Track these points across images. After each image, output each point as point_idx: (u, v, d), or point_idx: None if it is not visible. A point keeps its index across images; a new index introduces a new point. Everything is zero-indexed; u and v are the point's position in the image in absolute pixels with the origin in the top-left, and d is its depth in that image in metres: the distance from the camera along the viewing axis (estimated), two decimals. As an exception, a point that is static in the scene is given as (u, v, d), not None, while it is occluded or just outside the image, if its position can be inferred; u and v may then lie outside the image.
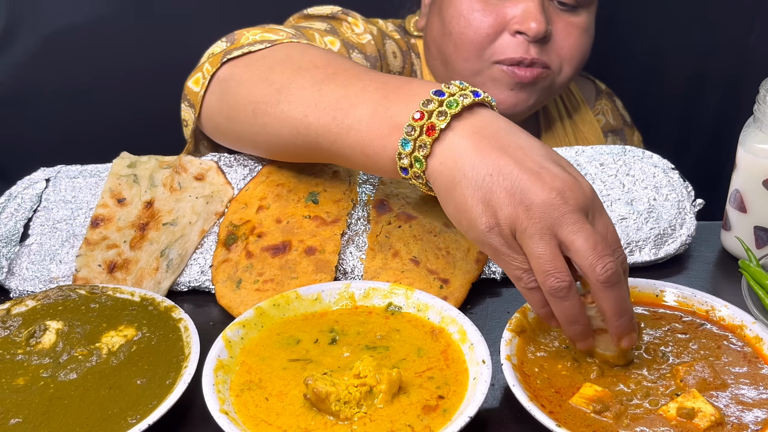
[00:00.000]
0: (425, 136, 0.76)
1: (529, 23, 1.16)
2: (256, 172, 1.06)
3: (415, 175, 0.79)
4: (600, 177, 1.05)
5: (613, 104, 1.51)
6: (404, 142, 0.78)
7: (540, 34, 1.16)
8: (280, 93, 0.92)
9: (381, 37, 1.26)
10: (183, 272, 0.96)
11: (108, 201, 1.01)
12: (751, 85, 0.97)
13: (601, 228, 0.72)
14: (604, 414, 0.71)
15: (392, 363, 0.78)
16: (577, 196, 0.70)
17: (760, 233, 0.96)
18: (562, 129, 1.40)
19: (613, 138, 1.47)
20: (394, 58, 1.26)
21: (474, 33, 1.18)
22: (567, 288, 0.71)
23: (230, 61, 1.01)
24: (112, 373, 0.78)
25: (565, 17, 1.21)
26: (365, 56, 1.20)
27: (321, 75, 0.90)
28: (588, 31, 1.24)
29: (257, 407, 0.73)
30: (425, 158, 0.77)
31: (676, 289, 0.86)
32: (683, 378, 0.75)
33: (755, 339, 0.80)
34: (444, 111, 0.76)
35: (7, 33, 1.44)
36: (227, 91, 0.99)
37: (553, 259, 0.70)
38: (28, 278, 0.95)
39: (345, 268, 0.95)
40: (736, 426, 0.71)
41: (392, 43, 1.28)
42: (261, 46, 1.00)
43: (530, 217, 0.70)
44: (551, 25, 1.19)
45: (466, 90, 0.78)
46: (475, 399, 0.71)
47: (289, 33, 1.06)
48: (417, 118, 0.77)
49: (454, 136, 0.75)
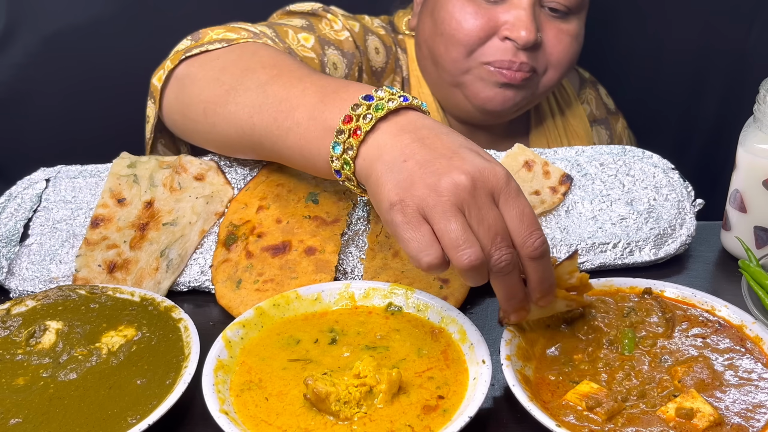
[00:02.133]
0: (352, 139, 0.79)
1: (519, 31, 1.17)
2: (256, 172, 1.06)
3: (347, 177, 0.81)
4: (600, 177, 1.05)
5: (596, 93, 1.52)
6: (335, 145, 0.80)
7: (529, 43, 1.18)
8: (229, 94, 0.96)
9: (363, 33, 1.27)
10: (183, 272, 0.96)
11: (108, 201, 1.01)
12: (751, 85, 0.97)
13: (513, 213, 0.73)
14: (595, 411, 0.71)
15: (392, 363, 0.78)
16: (487, 179, 0.72)
17: (760, 233, 0.96)
18: (552, 123, 1.41)
19: (597, 126, 1.48)
20: (376, 53, 1.29)
21: (464, 35, 1.20)
22: (478, 264, 0.71)
23: (188, 59, 1.05)
24: (112, 373, 0.78)
25: (556, 24, 1.22)
26: (342, 53, 1.22)
27: (266, 76, 0.94)
28: (578, 37, 1.26)
29: (257, 407, 0.73)
30: (353, 160, 0.79)
31: (676, 289, 0.86)
32: (681, 378, 0.75)
33: (755, 339, 0.80)
34: (370, 114, 0.79)
35: (7, 33, 1.44)
36: (183, 89, 1.04)
37: (464, 233, 0.71)
38: (28, 278, 0.95)
39: (345, 268, 0.95)
40: (736, 426, 0.71)
41: (375, 39, 1.29)
42: (219, 45, 1.04)
43: (439, 196, 0.71)
44: (541, 32, 1.21)
45: (395, 96, 0.80)
46: (475, 399, 0.71)
47: (250, 32, 1.10)
48: (345, 122, 0.80)
49: (378, 136, 0.78)
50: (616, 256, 0.97)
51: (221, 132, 0.98)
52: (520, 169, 1.05)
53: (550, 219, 1.00)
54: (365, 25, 1.29)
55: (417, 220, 0.72)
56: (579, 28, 1.25)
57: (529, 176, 1.04)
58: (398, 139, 0.77)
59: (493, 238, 0.71)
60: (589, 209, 1.01)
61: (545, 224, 0.99)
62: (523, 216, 0.73)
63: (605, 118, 1.50)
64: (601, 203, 1.02)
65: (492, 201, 0.73)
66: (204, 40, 1.07)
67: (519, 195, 0.74)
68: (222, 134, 0.98)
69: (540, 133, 1.40)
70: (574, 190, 1.03)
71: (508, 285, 0.74)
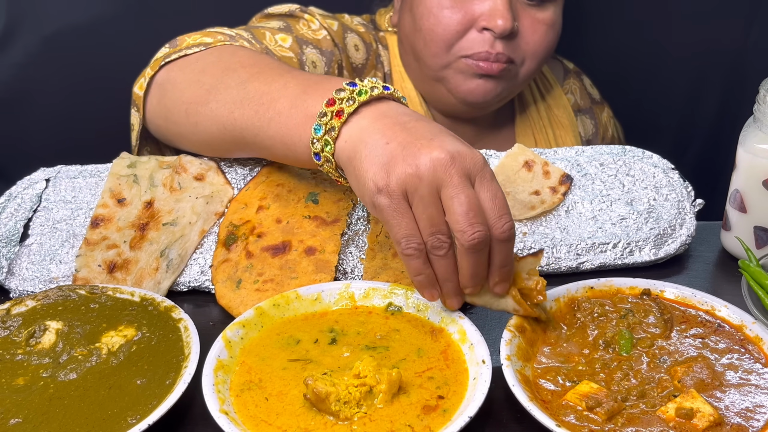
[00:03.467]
0: (335, 120, 0.82)
1: (496, 20, 1.18)
2: (256, 172, 1.06)
3: (326, 160, 0.84)
4: (600, 177, 1.05)
5: (581, 83, 1.52)
6: (317, 127, 0.84)
7: (506, 31, 1.18)
8: (210, 93, 0.99)
9: (342, 30, 1.30)
10: (183, 272, 0.96)
11: (108, 201, 1.01)
12: (751, 85, 0.97)
13: (487, 195, 0.77)
14: (595, 411, 0.71)
15: (392, 363, 0.78)
16: (464, 160, 0.76)
17: (760, 233, 0.96)
18: (537, 114, 1.42)
19: (582, 116, 1.48)
20: (356, 50, 1.31)
21: (443, 30, 1.21)
22: (447, 247, 0.77)
23: (167, 64, 1.08)
24: (112, 373, 0.78)
25: (532, 12, 1.23)
26: (320, 51, 1.25)
27: (247, 74, 0.97)
28: (554, 26, 1.26)
29: (257, 407, 0.73)
30: (334, 141, 0.83)
31: (676, 289, 0.86)
32: (681, 379, 0.75)
33: (755, 339, 0.80)
34: (353, 98, 0.83)
35: (7, 33, 1.44)
36: (164, 93, 1.07)
37: (438, 218, 0.76)
38: (28, 278, 0.95)
39: (345, 268, 0.95)
40: (736, 426, 0.71)
41: (354, 36, 1.31)
42: (197, 50, 1.07)
43: (420, 178, 0.75)
44: (518, 21, 1.21)
45: (377, 84, 0.84)
46: (475, 399, 0.71)
47: (226, 35, 1.13)
48: (328, 104, 0.83)
49: (361, 119, 0.82)
50: (616, 256, 0.97)
51: (203, 131, 1.00)
52: (520, 169, 1.05)
53: (550, 219, 1.00)
54: (344, 23, 1.31)
55: (403, 206, 0.76)
56: (555, 16, 1.26)
57: (529, 176, 1.04)
58: (380, 123, 0.80)
59: (467, 213, 0.75)
60: (589, 209, 1.01)
61: (545, 224, 0.99)
62: (496, 198, 0.77)
63: (589, 108, 1.51)
64: (601, 203, 1.02)
65: (468, 180, 0.76)
66: (182, 46, 1.10)
67: (493, 179, 0.78)
68: (205, 133, 1.01)
69: (525, 125, 1.41)
70: (574, 190, 1.03)
71: (475, 263, 0.77)
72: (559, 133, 1.42)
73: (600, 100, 1.54)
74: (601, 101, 1.54)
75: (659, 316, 0.83)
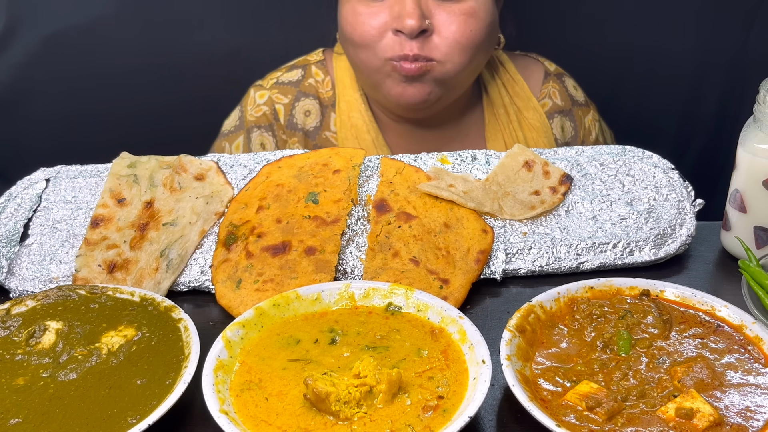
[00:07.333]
0: None
1: (405, 21, 1.19)
2: (256, 172, 1.06)
3: None
4: (600, 177, 1.05)
5: (561, 85, 1.51)
6: None
7: (415, 30, 1.19)
8: None
9: (289, 108, 1.36)
10: (183, 272, 0.96)
11: (108, 201, 1.01)
12: (751, 85, 0.97)
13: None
14: (595, 411, 0.71)
15: (392, 363, 0.78)
16: None
17: (760, 233, 0.96)
18: (506, 116, 1.42)
19: (561, 118, 1.48)
20: (306, 116, 1.37)
21: (359, 36, 1.23)
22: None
23: None
24: (112, 373, 0.78)
25: (446, 6, 1.23)
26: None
27: None
28: (474, 15, 1.24)
29: (257, 407, 0.73)
30: None
31: (676, 289, 0.86)
32: (681, 379, 0.75)
33: (755, 339, 0.80)
34: None
35: (7, 33, 1.44)
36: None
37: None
38: (28, 278, 0.95)
39: (345, 268, 0.95)
40: (735, 426, 0.71)
41: (302, 103, 1.37)
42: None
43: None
44: (430, 19, 1.21)
45: None
46: (475, 399, 0.71)
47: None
48: None
49: None
50: (616, 256, 0.97)
51: None
52: (520, 169, 1.05)
53: (550, 219, 1.00)
54: (296, 96, 1.37)
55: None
56: (476, 6, 1.24)
57: (529, 176, 1.04)
58: None
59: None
60: (589, 209, 1.01)
61: (545, 224, 0.99)
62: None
63: (569, 110, 1.50)
64: (601, 203, 1.02)
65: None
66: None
67: None
68: None
69: (494, 128, 1.42)
70: (574, 190, 1.03)
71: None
72: (530, 136, 1.42)
73: (584, 102, 1.53)
74: (586, 103, 1.53)
75: (658, 316, 0.83)
